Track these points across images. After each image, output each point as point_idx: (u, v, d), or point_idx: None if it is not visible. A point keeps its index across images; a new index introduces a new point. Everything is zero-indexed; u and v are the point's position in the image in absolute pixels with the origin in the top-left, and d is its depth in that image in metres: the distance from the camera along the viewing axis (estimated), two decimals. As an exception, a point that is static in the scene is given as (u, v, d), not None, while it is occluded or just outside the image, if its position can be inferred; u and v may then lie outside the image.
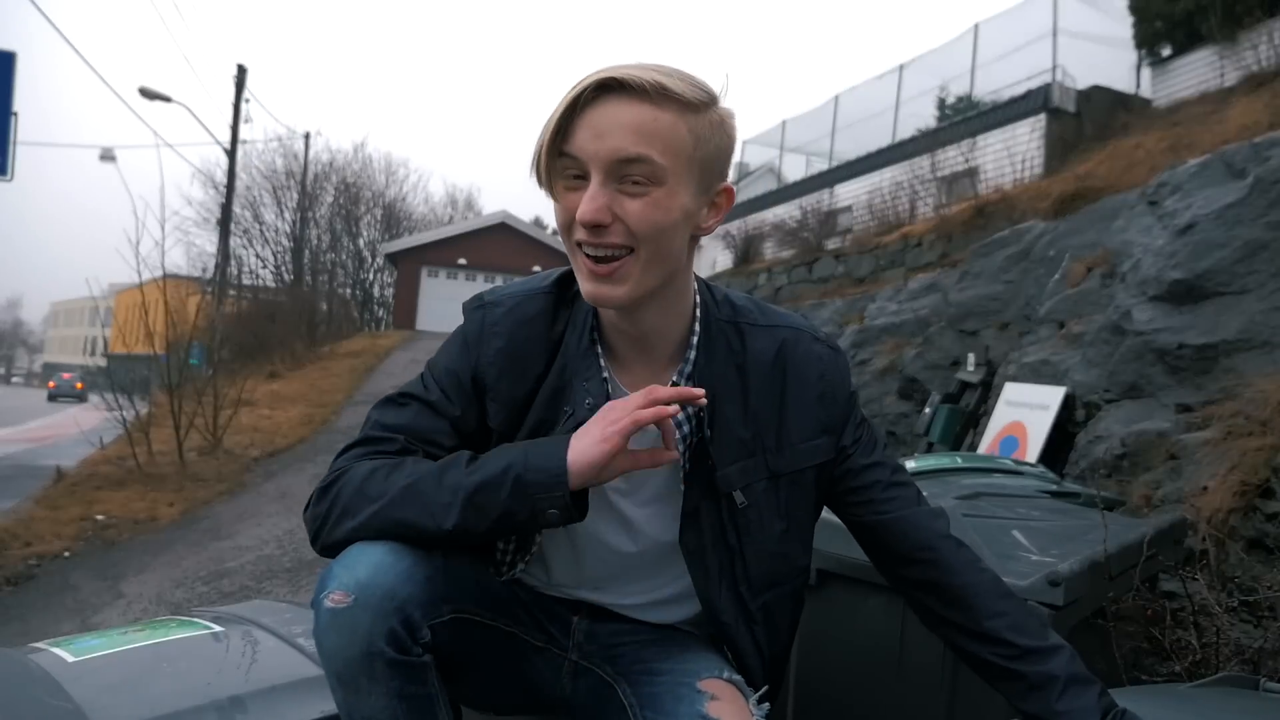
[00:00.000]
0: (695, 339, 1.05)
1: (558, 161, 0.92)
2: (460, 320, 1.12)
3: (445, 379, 1.07)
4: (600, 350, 1.06)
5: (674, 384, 1.05)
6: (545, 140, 0.91)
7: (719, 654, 1.13)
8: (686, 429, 1.05)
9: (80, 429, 8.85)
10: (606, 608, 1.17)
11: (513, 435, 1.06)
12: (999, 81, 10.91)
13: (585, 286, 0.95)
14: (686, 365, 1.05)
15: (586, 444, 0.93)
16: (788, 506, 1.08)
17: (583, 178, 0.92)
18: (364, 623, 0.88)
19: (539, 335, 1.07)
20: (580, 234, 0.93)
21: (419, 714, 0.93)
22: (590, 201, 0.89)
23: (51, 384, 32.40)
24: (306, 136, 22.95)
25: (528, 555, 1.14)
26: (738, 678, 1.06)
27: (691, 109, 0.91)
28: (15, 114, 6.15)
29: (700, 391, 0.97)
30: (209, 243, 21.90)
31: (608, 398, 1.03)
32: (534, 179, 0.96)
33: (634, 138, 0.89)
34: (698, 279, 1.10)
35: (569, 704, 1.13)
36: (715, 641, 1.16)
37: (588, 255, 0.93)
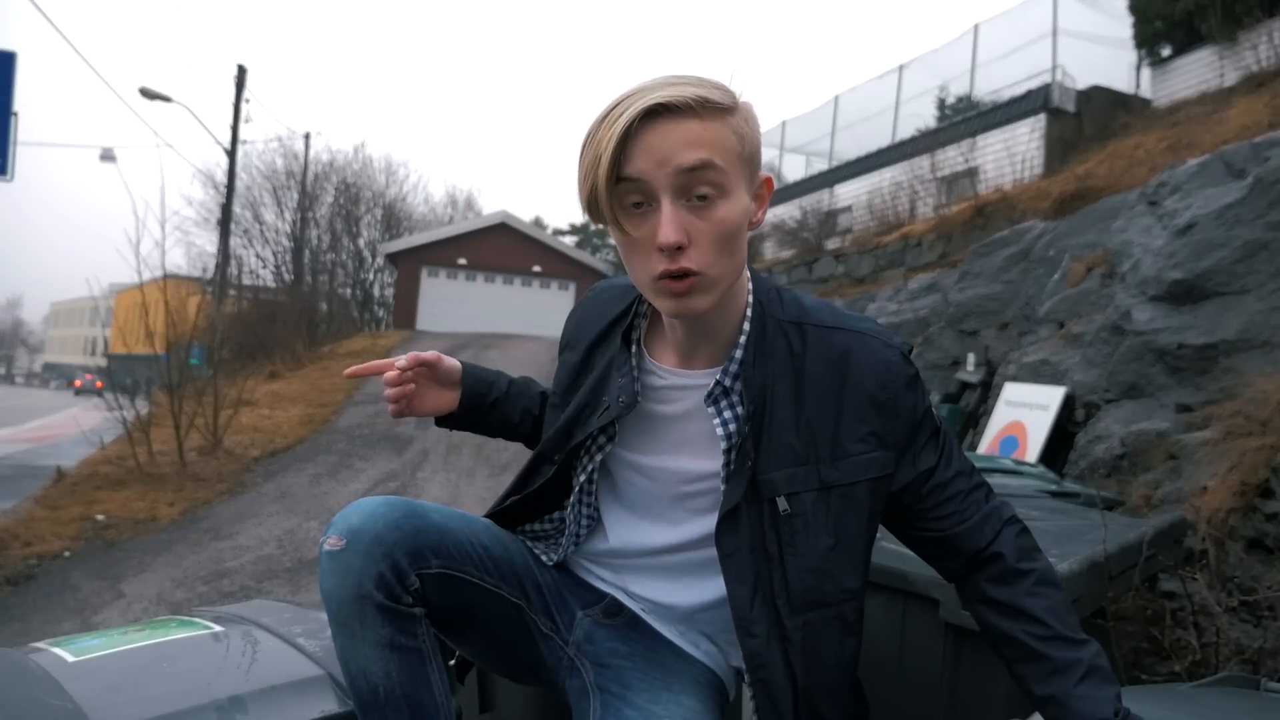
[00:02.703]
0: (743, 338, 1.04)
1: (618, 188, 0.92)
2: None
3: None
4: (635, 348, 1.11)
5: (718, 382, 1.04)
6: (603, 172, 0.90)
7: (703, 702, 1.08)
8: (732, 427, 1.03)
9: (80, 429, 8.84)
10: (631, 602, 1.17)
11: (563, 407, 1.16)
12: (999, 81, 10.91)
13: (666, 305, 0.96)
14: (731, 364, 1.04)
15: None
16: (837, 522, 1.02)
17: (642, 205, 0.93)
18: (354, 565, 0.96)
19: (606, 316, 1.16)
20: (660, 266, 0.93)
21: (410, 669, 0.98)
22: (669, 224, 0.90)
23: (78, 383, 38.91)
24: (306, 136, 23.05)
25: (573, 540, 1.19)
26: None
27: (729, 112, 0.94)
28: (15, 114, 6.14)
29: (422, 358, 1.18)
30: (209, 243, 21.92)
31: (635, 389, 1.07)
32: (590, 215, 0.97)
33: (694, 151, 0.90)
34: (770, 282, 1.10)
35: (565, 694, 1.14)
36: (710, 684, 1.13)
37: (668, 279, 0.94)
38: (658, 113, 0.89)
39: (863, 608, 1.09)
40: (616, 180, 0.91)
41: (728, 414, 1.03)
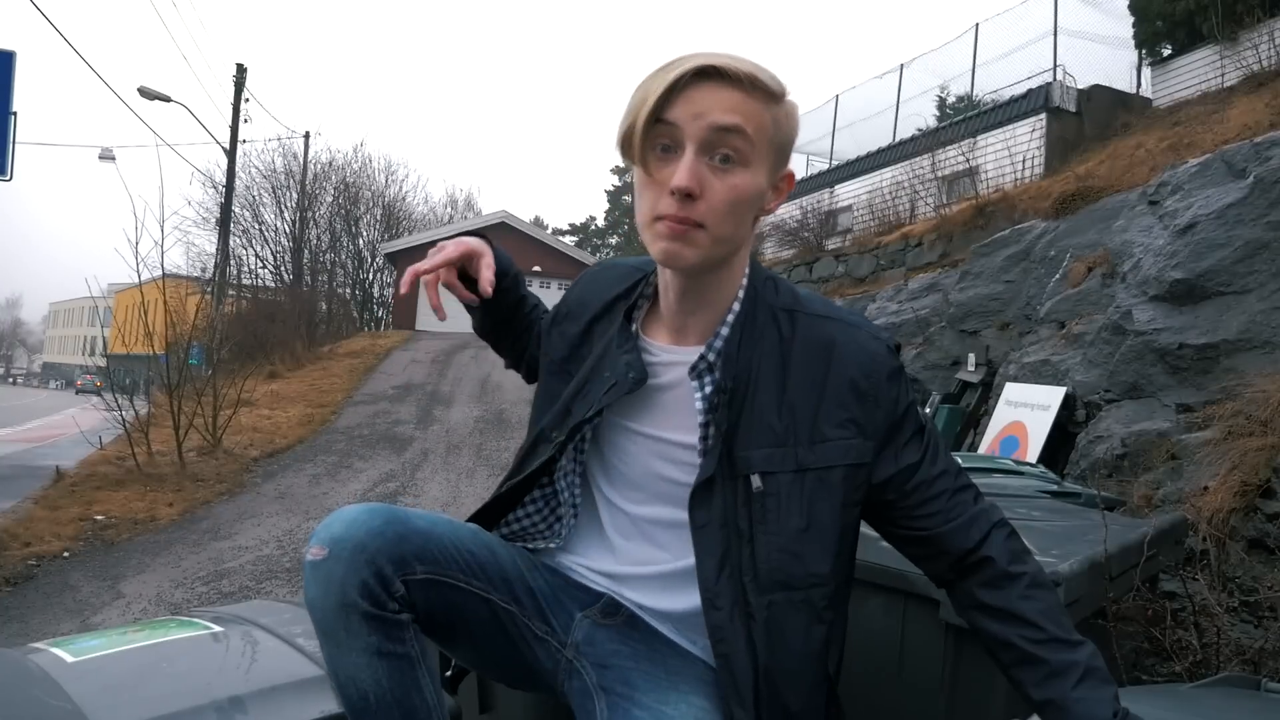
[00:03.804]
0: (731, 316, 1.08)
1: (654, 129, 0.96)
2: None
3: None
4: (636, 328, 1.14)
5: (702, 356, 1.07)
6: (645, 112, 0.95)
7: (711, 700, 1.08)
8: (708, 404, 1.06)
9: (80, 429, 8.84)
10: (623, 601, 1.17)
11: (568, 378, 1.18)
12: (999, 81, 10.93)
13: (658, 246, 1.00)
14: (716, 340, 1.07)
15: None
16: (810, 504, 1.04)
17: (670, 150, 0.98)
18: (337, 574, 0.96)
19: (605, 294, 1.19)
20: (666, 207, 0.97)
21: (399, 675, 0.97)
22: (686, 169, 0.95)
23: (79, 382, 40.28)
24: (306, 136, 22.94)
25: (561, 528, 1.20)
26: None
27: (774, 98, 0.99)
28: (15, 114, 6.14)
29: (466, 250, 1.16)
30: (209, 243, 21.87)
31: (644, 369, 1.09)
32: (622, 151, 1.02)
33: (730, 114, 0.96)
34: (769, 273, 1.14)
35: (565, 697, 1.13)
36: (716, 681, 1.12)
37: (669, 220, 0.98)
38: (709, 74, 0.95)
39: (835, 599, 1.08)
40: (656, 118, 0.95)
41: (709, 388, 1.06)
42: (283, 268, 23.72)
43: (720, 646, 1.04)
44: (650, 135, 0.97)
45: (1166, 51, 9.52)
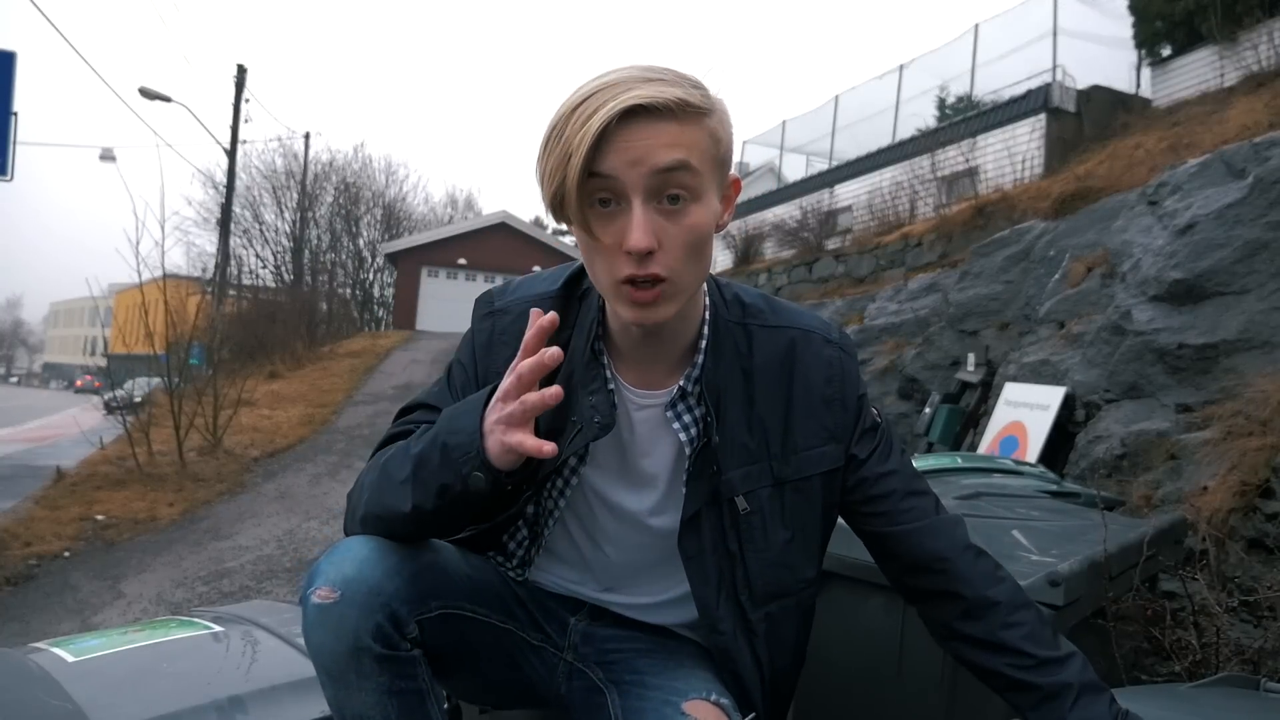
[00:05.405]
0: (704, 342, 1.03)
1: (588, 184, 0.87)
2: (462, 321, 1.13)
3: (459, 378, 1.10)
4: (606, 360, 1.04)
5: (681, 388, 1.03)
6: (574, 170, 0.85)
7: (713, 671, 1.10)
8: (694, 431, 1.03)
9: (80, 429, 8.84)
10: (608, 608, 1.16)
11: None
12: (999, 81, 10.91)
13: (629, 314, 0.92)
14: (694, 370, 1.03)
15: (490, 442, 0.90)
16: (793, 515, 1.05)
17: (610, 203, 0.89)
18: (350, 618, 0.89)
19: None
20: (626, 270, 0.89)
21: (410, 710, 0.93)
22: (639, 228, 0.86)
23: (79, 382, 41.37)
24: (306, 136, 23.04)
25: (538, 550, 1.14)
26: (726, 701, 1.02)
27: (706, 113, 0.90)
28: (15, 114, 6.14)
29: (552, 391, 0.88)
30: (209, 243, 21.92)
31: (613, 409, 1.02)
32: (554, 213, 0.91)
33: (670, 151, 0.87)
34: (715, 280, 1.09)
35: (564, 702, 1.12)
36: (712, 655, 1.13)
37: (632, 286, 0.90)
38: (635, 112, 0.85)
39: (817, 591, 1.12)
40: (589, 172, 0.86)
41: (686, 418, 1.04)
42: (283, 268, 23.75)
43: (729, 665, 1.07)
44: (585, 192, 0.87)
45: (1166, 52, 9.51)
